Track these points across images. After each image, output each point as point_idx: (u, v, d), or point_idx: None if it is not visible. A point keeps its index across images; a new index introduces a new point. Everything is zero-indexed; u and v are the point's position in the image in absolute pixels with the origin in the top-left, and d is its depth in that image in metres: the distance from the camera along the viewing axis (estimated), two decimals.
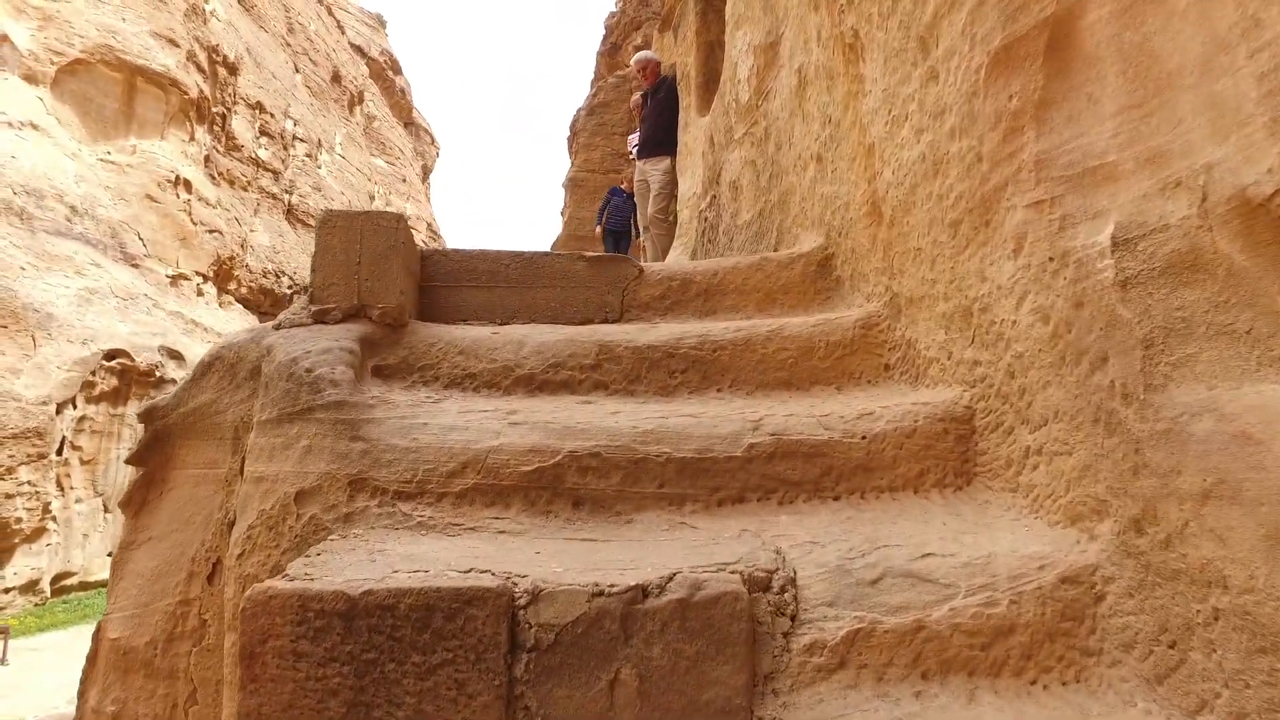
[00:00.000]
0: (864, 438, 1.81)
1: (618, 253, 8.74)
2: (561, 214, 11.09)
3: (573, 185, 10.66)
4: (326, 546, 1.50)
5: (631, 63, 6.68)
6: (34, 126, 18.95)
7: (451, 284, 2.45)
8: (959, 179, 1.82)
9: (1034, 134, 1.57)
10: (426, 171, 42.86)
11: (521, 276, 2.50)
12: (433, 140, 43.38)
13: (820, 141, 2.46)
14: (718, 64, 4.78)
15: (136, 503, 1.93)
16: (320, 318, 2.00)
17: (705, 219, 3.77)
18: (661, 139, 6.38)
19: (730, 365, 2.22)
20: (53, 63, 19.43)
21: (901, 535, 1.57)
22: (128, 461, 1.96)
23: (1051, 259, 1.50)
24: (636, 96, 7.14)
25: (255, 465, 1.75)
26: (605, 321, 2.55)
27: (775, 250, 2.89)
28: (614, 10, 15.81)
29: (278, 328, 1.94)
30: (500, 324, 2.50)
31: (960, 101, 1.80)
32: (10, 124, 18.43)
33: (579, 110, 11.90)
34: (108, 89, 20.49)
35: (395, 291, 2.09)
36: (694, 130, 4.89)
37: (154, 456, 1.94)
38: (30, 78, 19.20)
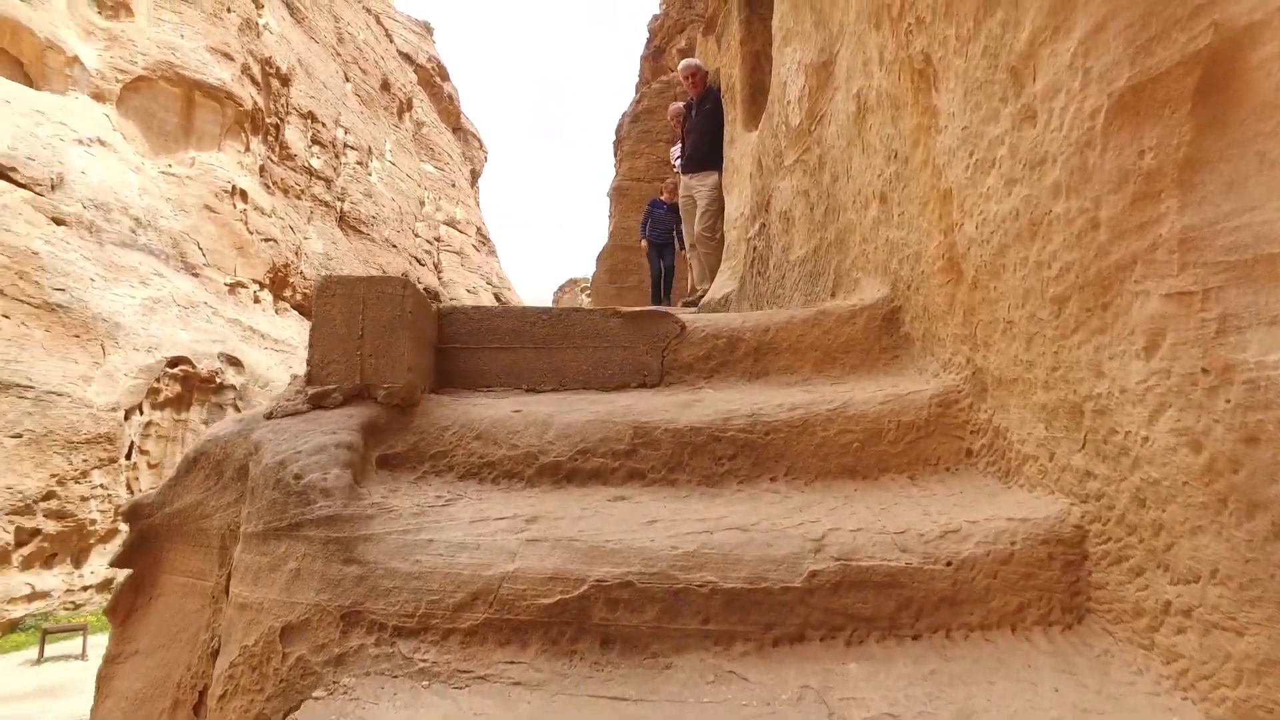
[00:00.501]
0: (949, 564, 1.49)
1: (662, 265, 8.32)
2: (608, 223, 10.88)
3: (618, 194, 10.39)
4: (306, 713, 1.27)
5: (678, 69, 6.36)
6: (101, 142, 19.72)
7: (472, 346, 2.22)
8: (1065, 246, 1.48)
9: (1176, 203, 1.23)
10: (475, 175, 43.27)
11: (549, 336, 2.25)
12: (480, 144, 43.76)
13: (884, 179, 2.13)
14: (764, 75, 4.45)
15: (124, 609, 1.75)
16: (318, 402, 1.78)
17: (754, 248, 3.46)
18: (708, 153, 6.04)
19: (785, 451, 1.92)
20: (118, 80, 20.19)
21: (1003, 707, 1.25)
22: (113, 564, 1.79)
23: (1205, 371, 1.16)
24: (677, 106, 6.82)
25: (240, 588, 1.54)
26: (643, 386, 2.28)
27: (832, 294, 2.56)
28: (657, 13, 15.44)
29: (269, 416, 1.74)
30: (525, 390, 2.25)
31: (1068, 152, 1.45)
32: (80, 141, 19.21)
33: (623, 117, 11.59)
34: (168, 104, 21.20)
35: (403, 369, 1.86)
36: (740, 146, 4.57)
37: (141, 558, 1.76)
38: (98, 96, 19.99)
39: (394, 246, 30.95)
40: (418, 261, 33.18)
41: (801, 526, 1.60)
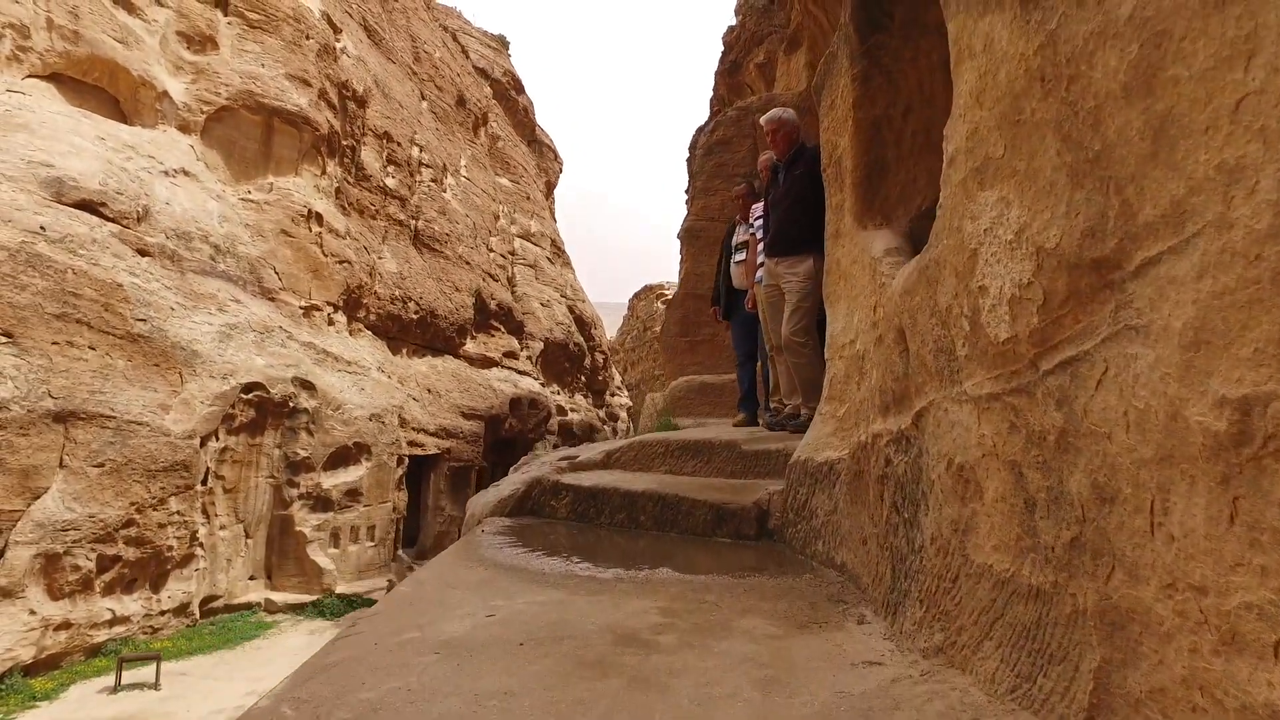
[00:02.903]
0: None
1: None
2: (679, 268, 9.60)
3: (689, 237, 9.11)
4: None
5: (761, 122, 5.01)
6: (185, 173, 20.12)
7: None
8: None
9: None
10: (550, 187, 42.82)
11: None
12: (555, 156, 43.23)
13: None
14: (886, 150, 3.16)
15: None
16: None
17: (887, 459, 2.15)
18: (801, 232, 4.61)
19: None
20: (202, 112, 20.56)
21: None
22: None
23: None
24: (768, 156, 5.44)
25: None
26: None
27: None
28: (733, 25, 13.91)
29: None
30: None
31: None
32: (166, 172, 19.62)
33: (694, 144, 10.26)
34: (249, 132, 21.49)
35: None
36: (849, 247, 3.28)
37: None
38: (184, 127, 20.41)
39: (467, 263, 30.78)
40: (491, 277, 32.97)
41: None
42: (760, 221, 5.52)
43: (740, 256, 6.19)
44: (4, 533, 15.68)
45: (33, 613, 15.99)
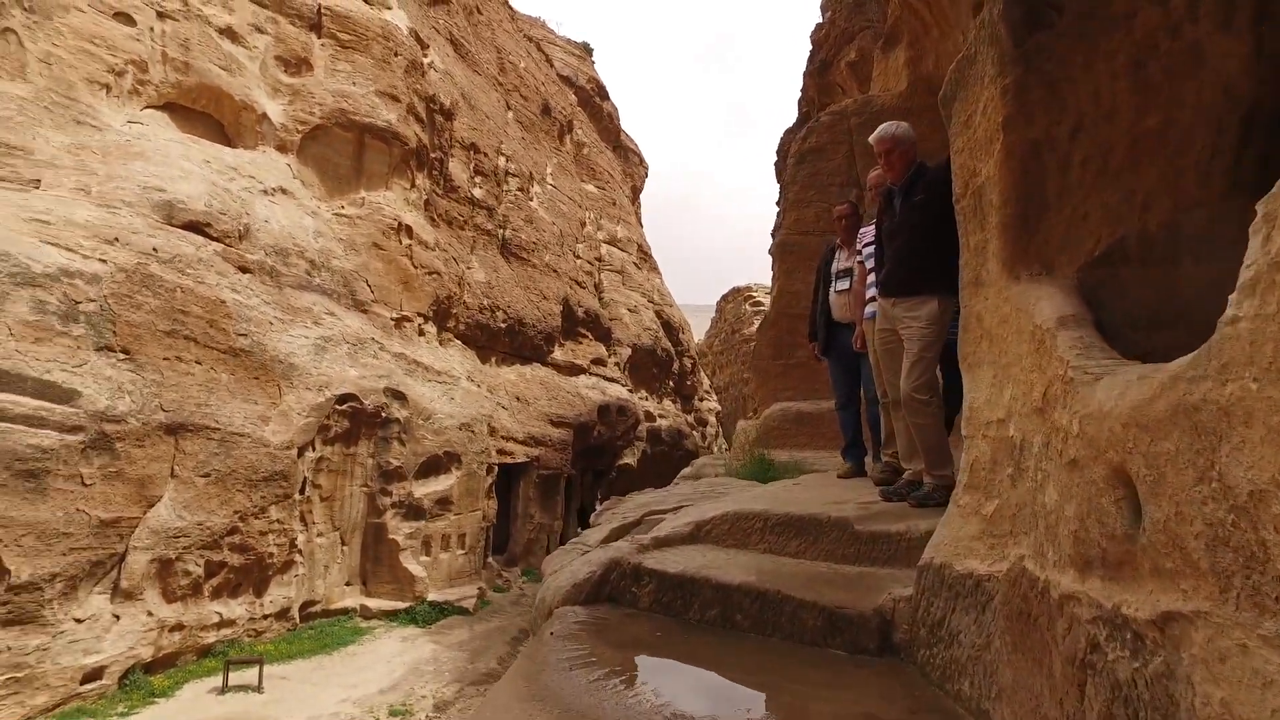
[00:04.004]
0: None
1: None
2: (771, 285, 8.75)
3: (782, 251, 8.25)
4: None
5: (871, 142, 4.10)
6: (283, 191, 20.87)
7: None
8: None
9: None
10: (636, 192, 42.43)
11: None
12: (641, 160, 42.75)
13: None
14: (1047, 180, 2.29)
15: None
16: None
17: (1095, 647, 1.37)
18: (925, 270, 3.75)
19: None
20: (298, 131, 21.29)
21: None
22: None
23: None
24: (877, 174, 4.53)
25: None
26: None
27: None
28: (820, 22, 12.73)
29: None
30: None
31: None
32: (265, 191, 20.41)
33: (784, 153, 9.38)
34: (341, 148, 22.09)
35: None
36: (996, 301, 2.43)
37: None
38: (281, 147, 21.20)
39: (554, 271, 30.78)
40: (578, 284, 32.88)
41: None
42: (870, 250, 4.64)
43: (843, 285, 5.34)
44: (125, 538, 16.53)
45: (150, 614, 16.79)
